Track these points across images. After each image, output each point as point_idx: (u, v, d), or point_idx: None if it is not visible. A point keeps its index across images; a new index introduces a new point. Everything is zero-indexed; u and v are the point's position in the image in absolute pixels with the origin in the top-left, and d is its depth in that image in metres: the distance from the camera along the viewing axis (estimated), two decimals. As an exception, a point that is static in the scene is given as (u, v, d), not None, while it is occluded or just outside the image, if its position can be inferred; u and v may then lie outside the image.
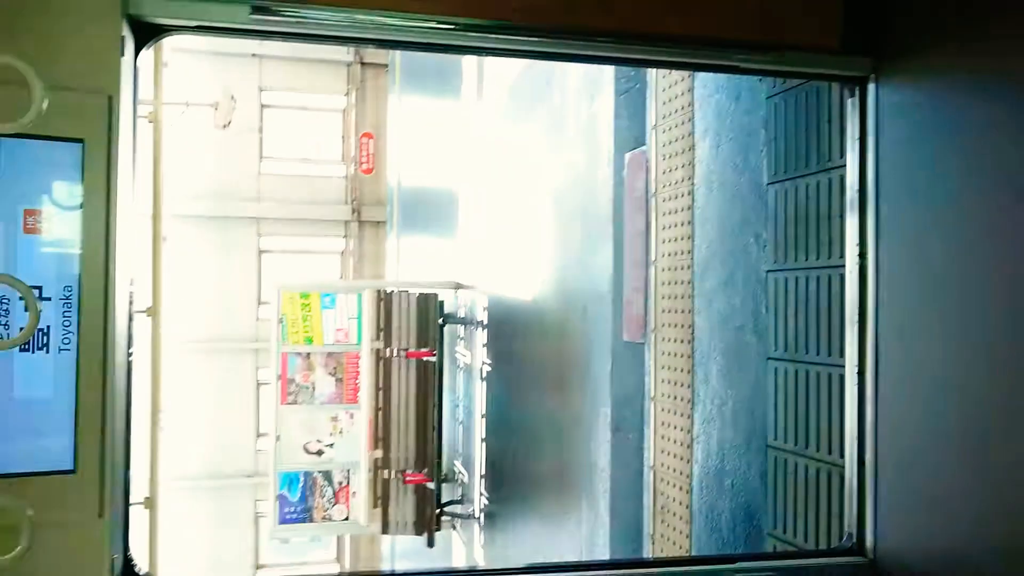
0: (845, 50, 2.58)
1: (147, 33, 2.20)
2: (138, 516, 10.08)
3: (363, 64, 20.20)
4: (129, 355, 2.18)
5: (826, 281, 3.11)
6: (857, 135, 2.62)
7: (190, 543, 17.78)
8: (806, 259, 3.23)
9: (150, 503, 11.09)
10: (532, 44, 2.50)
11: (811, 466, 3.16)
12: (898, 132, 2.49)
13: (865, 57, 2.57)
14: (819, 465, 3.12)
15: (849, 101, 2.66)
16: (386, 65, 19.98)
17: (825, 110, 3.17)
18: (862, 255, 2.58)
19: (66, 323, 1.97)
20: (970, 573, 2.17)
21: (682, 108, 4.23)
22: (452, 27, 2.38)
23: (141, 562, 2.23)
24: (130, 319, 2.19)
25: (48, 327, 1.95)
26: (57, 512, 1.92)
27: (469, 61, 10.23)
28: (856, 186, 2.62)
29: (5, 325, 1.90)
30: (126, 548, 2.16)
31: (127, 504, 2.19)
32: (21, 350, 1.92)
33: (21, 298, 1.84)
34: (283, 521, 9.49)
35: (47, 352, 1.95)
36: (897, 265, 2.46)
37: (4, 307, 1.90)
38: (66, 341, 1.97)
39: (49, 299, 1.94)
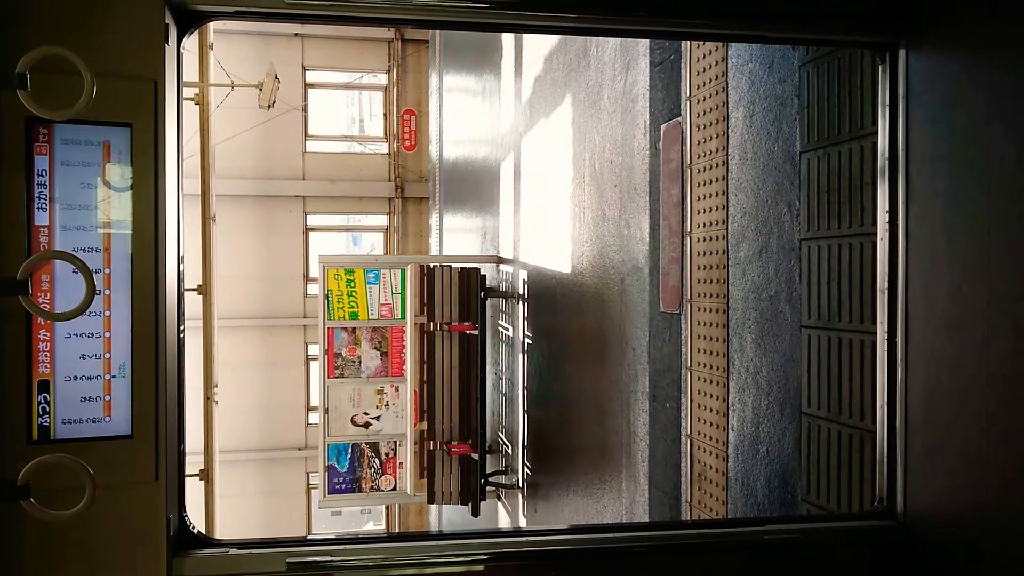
0: (874, 17, 2.57)
1: (189, 19, 2.29)
2: (195, 487, 10.45)
3: (404, 41, 20.27)
4: (180, 332, 2.30)
5: (858, 248, 3.11)
6: (887, 102, 2.61)
7: (244, 513, 18.35)
8: (839, 227, 3.23)
9: (205, 474, 11.49)
10: (566, 20, 2.53)
11: (843, 432, 3.18)
12: (929, 99, 2.48)
13: (895, 23, 2.55)
14: (851, 431, 3.14)
15: (880, 68, 2.65)
16: (427, 41, 20.03)
17: (857, 77, 3.14)
18: (892, 222, 2.58)
19: (123, 301, 2.10)
20: (998, 534, 2.19)
21: (716, 78, 4.22)
22: (488, 5, 2.42)
23: (196, 524, 2.38)
24: (180, 297, 2.31)
25: (108, 304, 2.08)
26: (117, 474, 2.06)
27: (508, 36, 10.23)
28: (887, 153, 2.61)
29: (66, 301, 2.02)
30: (181, 509, 2.30)
31: (181, 469, 2.33)
32: (82, 328, 2.05)
33: (75, 271, 1.94)
34: (332, 491, 9.77)
35: (108, 330, 2.08)
36: (926, 231, 2.46)
37: (65, 283, 2.02)
38: (122, 318, 2.10)
39: (109, 274, 2.07)
